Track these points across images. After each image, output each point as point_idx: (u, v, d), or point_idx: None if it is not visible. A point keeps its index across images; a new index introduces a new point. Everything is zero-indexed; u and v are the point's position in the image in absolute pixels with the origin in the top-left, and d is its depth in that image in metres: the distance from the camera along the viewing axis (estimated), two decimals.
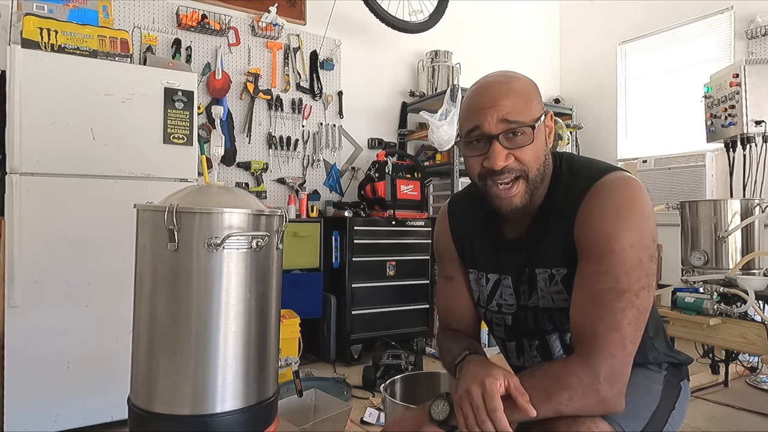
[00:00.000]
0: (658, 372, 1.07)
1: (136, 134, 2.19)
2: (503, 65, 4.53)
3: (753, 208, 2.31)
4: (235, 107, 3.27)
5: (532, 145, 0.94)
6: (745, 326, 2.15)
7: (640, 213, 0.90)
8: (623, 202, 0.90)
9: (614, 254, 0.88)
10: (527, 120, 0.93)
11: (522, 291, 1.06)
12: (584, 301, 0.90)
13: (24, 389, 1.95)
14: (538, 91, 1.00)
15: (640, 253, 0.88)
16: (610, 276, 0.87)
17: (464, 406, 0.85)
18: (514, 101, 0.93)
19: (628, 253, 0.87)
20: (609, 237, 0.89)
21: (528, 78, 1.00)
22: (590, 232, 0.91)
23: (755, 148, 2.86)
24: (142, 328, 1.09)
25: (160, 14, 3.04)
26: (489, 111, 0.93)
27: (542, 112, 0.98)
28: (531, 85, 0.99)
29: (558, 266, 0.99)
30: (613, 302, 0.87)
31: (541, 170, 0.97)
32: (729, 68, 2.96)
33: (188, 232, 1.04)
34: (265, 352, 1.14)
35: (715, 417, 2.32)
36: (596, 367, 0.84)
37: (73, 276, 2.05)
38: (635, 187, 0.92)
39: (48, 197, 2.01)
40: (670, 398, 1.03)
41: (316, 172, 3.55)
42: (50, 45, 2.09)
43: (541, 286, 1.02)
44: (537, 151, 0.95)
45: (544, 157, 0.98)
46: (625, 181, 0.93)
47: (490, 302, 1.11)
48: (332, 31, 3.58)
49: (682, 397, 1.07)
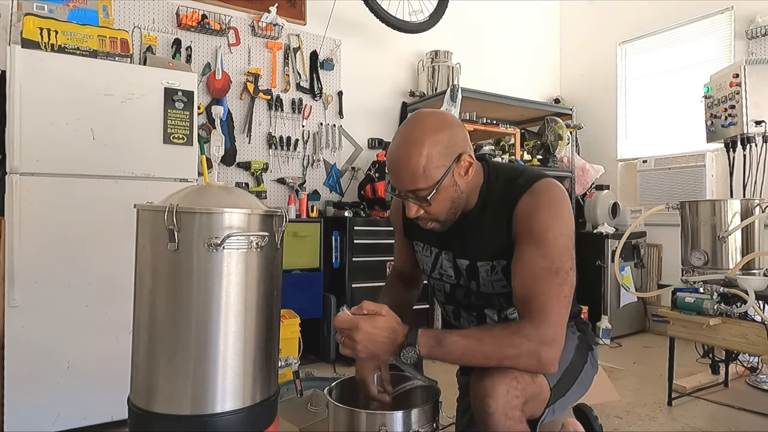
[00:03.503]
0: (573, 333, 1.30)
1: (136, 134, 2.19)
2: (503, 65, 4.54)
3: (753, 208, 2.31)
4: (235, 107, 3.27)
5: (437, 198, 1.13)
6: (745, 326, 2.15)
7: (564, 210, 1.13)
8: (552, 201, 1.13)
9: (549, 241, 1.09)
10: (427, 185, 1.11)
11: (462, 276, 1.27)
12: (527, 278, 1.10)
13: (24, 389, 1.96)
14: (446, 144, 1.11)
15: (567, 241, 1.10)
16: (548, 258, 1.08)
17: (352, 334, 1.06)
18: (412, 175, 1.10)
19: (559, 241, 1.09)
20: (545, 227, 1.10)
21: (435, 133, 1.10)
22: (529, 224, 1.12)
23: (755, 148, 2.86)
24: (142, 328, 1.09)
25: (160, 14, 3.04)
26: (397, 180, 1.14)
27: (450, 163, 1.11)
28: (434, 148, 1.10)
29: (498, 258, 1.19)
30: (552, 279, 1.07)
31: (453, 209, 1.17)
32: (729, 68, 2.96)
33: (188, 232, 1.04)
34: (265, 352, 1.14)
35: (715, 417, 2.32)
36: (542, 333, 1.05)
37: (73, 276, 2.05)
38: (559, 190, 1.15)
39: (48, 197, 2.01)
40: (580, 361, 1.27)
41: (316, 172, 3.55)
42: (50, 45, 2.09)
43: (483, 276, 1.23)
44: (443, 201, 1.15)
45: (452, 201, 1.16)
46: (552, 185, 1.15)
47: (433, 271, 1.34)
48: (332, 31, 3.58)
49: (588, 367, 1.29)
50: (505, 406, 1.05)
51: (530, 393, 1.09)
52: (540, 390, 1.12)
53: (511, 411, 1.05)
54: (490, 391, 1.06)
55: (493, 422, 1.05)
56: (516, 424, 1.06)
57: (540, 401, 1.13)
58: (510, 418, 1.05)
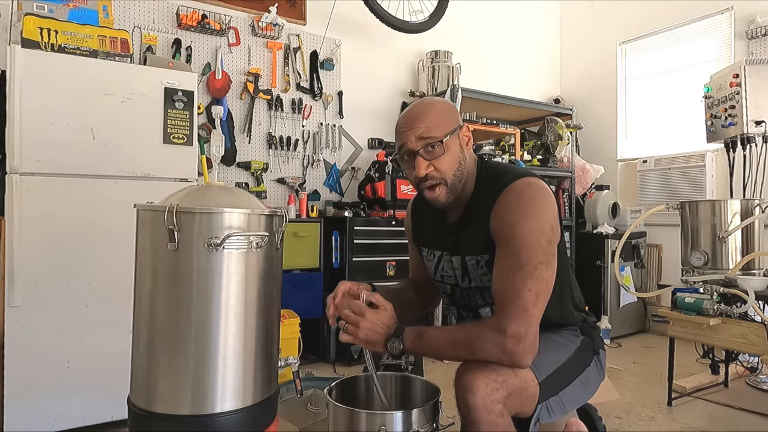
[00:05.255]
0: (576, 336, 1.32)
1: (136, 134, 2.19)
2: (503, 65, 4.54)
3: (753, 208, 2.31)
4: (235, 107, 3.27)
5: (446, 155, 1.20)
6: (745, 326, 2.15)
7: (538, 207, 1.15)
8: (524, 200, 1.15)
9: (516, 238, 1.12)
10: (439, 135, 1.19)
11: (458, 274, 1.31)
12: (498, 275, 1.15)
13: (24, 389, 1.95)
14: (451, 111, 1.26)
15: (539, 237, 1.12)
16: (514, 255, 1.11)
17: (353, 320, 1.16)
18: (427, 121, 1.19)
19: (527, 237, 1.11)
20: (512, 225, 1.13)
21: (443, 101, 1.28)
22: (500, 223, 1.16)
23: (755, 149, 2.86)
24: (142, 328, 1.09)
25: (160, 14, 3.04)
26: (409, 132, 1.20)
27: (456, 126, 1.22)
28: (444, 106, 1.25)
29: (481, 253, 1.23)
30: (516, 274, 1.10)
31: (459, 174, 1.23)
32: (729, 68, 2.96)
33: (188, 232, 1.04)
34: (265, 352, 1.14)
35: (715, 417, 2.32)
36: (504, 325, 1.08)
37: (73, 276, 2.05)
38: (536, 189, 1.17)
39: (48, 197, 2.01)
40: (580, 362, 1.27)
41: (316, 172, 3.55)
42: (50, 45, 2.09)
43: (472, 270, 1.27)
44: (451, 160, 1.21)
45: (459, 163, 1.22)
46: (528, 185, 1.18)
47: (436, 274, 1.38)
48: (332, 31, 3.58)
49: (591, 370, 1.29)
50: (485, 400, 1.06)
51: (513, 386, 1.09)
52: (524, 384, 1.12)
53: (492, 404, 1.06)
54: (469, 385, 1.08)
55: (474, 416, 1.07)
56: (498, 417, 1.07)
57: (527, 397, 1.13)
58: (491, 411, 1.06)
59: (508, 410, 1.09)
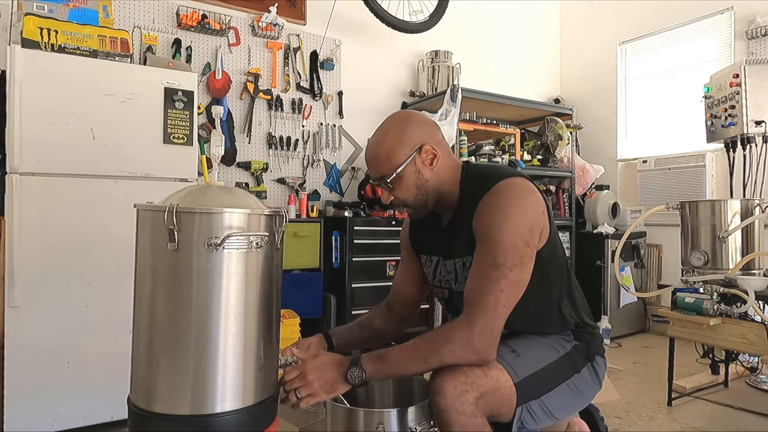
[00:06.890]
0: (568, 341, 1.28)
1: (136, 134, 2.19)
2: (503, 65, 4.54)
3: (753, 208, 2.31)
4: (235, 107, 3.27)
5: (401, 184, 1.23)
6: (745, 326, 2.15)
7: (517, 208, 1.14)
8: (503, 201, 1.15)
9: (494, 238, 1.12)
10: (389, 171, 1.22)
11: (452, 278, 1.31)
12: (472, 274, 1.15)
13: (24, 389, 1.96)
14: (404, 138, 1.22)
15: (515, 238, 1.12)
16: (490, 255, 1.12)
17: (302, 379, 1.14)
18: (378, 162, 1.24)
19: (505, 238, 1.11)
20: (491, 225, 1.14)
21: (396, 129, 1.25)
22: (480, 223, 1.17)
23: (755, 149, 2.86)
24: (142, 328, 1.09)
25: (160, 14, 3.04)
26: (370, 167, 1.28)
27: (411, 152, 1.22)
28: (395, 137, 1.23)
29: (468, 255, 1.23)
30: (490, 273, 1.11)
31: (420, 195, 1.25)
32: (729, 68, 2.96)
33: (188, 232, 1.04)
34: (265, 352, 1.14)
35: (715, 417, 2.32)
36: (472, 322, 1.08)
37: (73, 276, 2.05)
38: (518, 189, 1.17)
39: (48, 197, 2.01)
40: (568, 367, 1.23)
41: (316, 172, 3.55)
42: (50, 45, 2.09)
43: (459, 273, 1.28)
44: (407, 187, 1.24)
45: (417, 187, 1.24)
46: (509, 186, 1.18)
47: (434, 279, 1.38)
48: (332, 31, 3.58)
49: (583, 377, 1.25)
50: (455, 401, 1.06)
51: (485, 387, 1.09)
52: (497, 385, 1.11)
53: (463, 406, 1.06)
54: (438, 388, 1.08)
55: (446, 419, 1.07)
56: (470, 419, 1.06)
57: (501, 398, 1.12)
58: (462, 413, 1.06)
59: (481, 411, 1.08)
